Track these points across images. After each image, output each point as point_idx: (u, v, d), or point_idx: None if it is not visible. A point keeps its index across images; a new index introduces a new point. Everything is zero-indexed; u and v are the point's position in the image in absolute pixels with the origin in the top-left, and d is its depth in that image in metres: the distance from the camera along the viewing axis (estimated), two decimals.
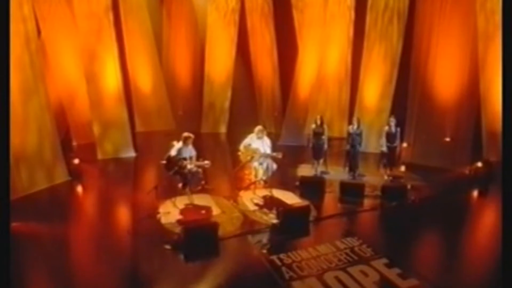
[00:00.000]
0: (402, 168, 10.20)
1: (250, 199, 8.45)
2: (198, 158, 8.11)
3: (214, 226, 6.86)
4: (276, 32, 14.31)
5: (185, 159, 7.92)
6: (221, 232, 6.89)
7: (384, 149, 9.59)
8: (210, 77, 14.80)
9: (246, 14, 14.37)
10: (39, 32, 9.85)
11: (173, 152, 7.91)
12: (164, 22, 15.29)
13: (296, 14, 13.64)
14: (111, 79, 11.65)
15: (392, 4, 11.72)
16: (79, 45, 11.30)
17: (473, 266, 6.38)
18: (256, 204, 8.24)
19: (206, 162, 8.01)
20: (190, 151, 8.01)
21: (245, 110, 14.74)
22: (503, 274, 4.37)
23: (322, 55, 12.95)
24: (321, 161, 10.04)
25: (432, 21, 10.95)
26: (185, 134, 8.07)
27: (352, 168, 9.74)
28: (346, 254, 6.35)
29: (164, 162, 8.01)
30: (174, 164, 7.88)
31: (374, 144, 9.93)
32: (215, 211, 7.89)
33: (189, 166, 7.94)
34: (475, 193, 9.42)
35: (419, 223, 7.76)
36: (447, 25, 10.76)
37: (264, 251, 6.49)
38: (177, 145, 7.98)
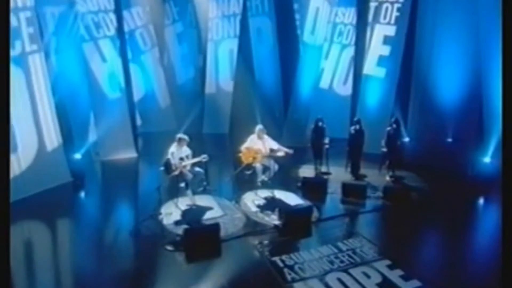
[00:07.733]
0: (404, 169, 10.16)
1: (252, 200, 8.45)
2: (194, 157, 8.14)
3: (216, 227, 6.86)
4: (278, 31, 14.28)
5: (181, 159, 7.96)
6: (223, 233, 6.90)
7: (386, 149, 9.58)
8: (212, 77, 14.78)
9: (248, 14, 14.33)
10: (41, 32, 9.84)
11: (169, 156, 7.97)
12: (166, 21, 15.26)
13: (297, 14, 13.61)
14: (113, 79, 11.65)
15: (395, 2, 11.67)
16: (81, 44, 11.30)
17: (476, 268, 6.37)
18: (258, 205, 8.24)
19: (204, 156, 8.03)
20: (185, 151, 8.09)
21: (247, 110, 14.69)
22: (503, 276, 4.37)
23: (324, 54, 12.90)
24: (323, 161, 10.02)
25: (435, 20, 10.94)
26: (179, 135, 8.22)
27: (354, 169, 9.73)
28: (348, 255, 6.36)
29: (162, 168, 8.03)
30: (173, 167, 7.90)
31: (375, 144, 9.89)
32: (217, 212, 7.89)
33: (188, 167, 7.98)
34: (477, 194, 9.37)
35: (421, 224, 7.75)
36: (449, 24, 10.75)
37: (266, 252, 6.50)
38: (171, 148, 8.04)
